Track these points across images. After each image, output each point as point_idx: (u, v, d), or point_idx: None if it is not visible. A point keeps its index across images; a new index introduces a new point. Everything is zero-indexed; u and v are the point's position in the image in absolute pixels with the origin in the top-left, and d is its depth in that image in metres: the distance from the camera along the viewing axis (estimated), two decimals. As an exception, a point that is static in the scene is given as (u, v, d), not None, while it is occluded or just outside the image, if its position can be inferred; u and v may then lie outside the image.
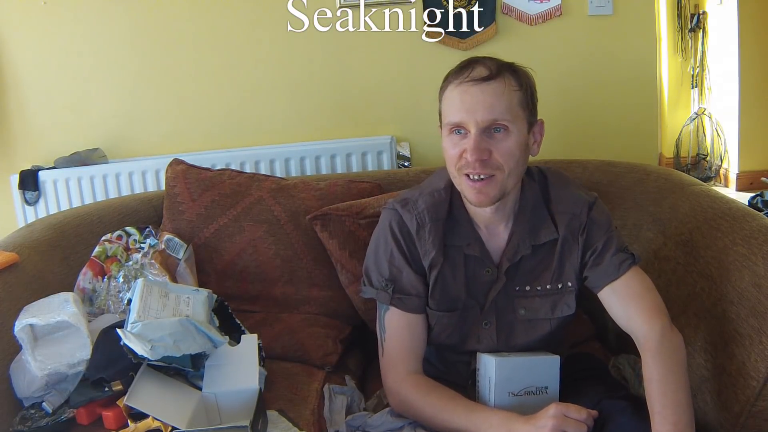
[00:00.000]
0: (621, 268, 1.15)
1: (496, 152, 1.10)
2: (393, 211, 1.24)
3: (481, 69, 1.11)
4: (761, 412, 1.06)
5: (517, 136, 1.11)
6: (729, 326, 1.14)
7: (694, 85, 4.60)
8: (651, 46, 2.26)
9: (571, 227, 1.19)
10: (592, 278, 1.18)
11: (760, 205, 3.69)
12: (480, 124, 1.09)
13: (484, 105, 1.08)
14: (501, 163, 1.10)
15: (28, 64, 2.24)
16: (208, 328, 1.17)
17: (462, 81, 1.11)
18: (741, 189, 4.24)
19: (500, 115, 1.09)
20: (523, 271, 1.21)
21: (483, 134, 1.09)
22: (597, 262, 1.17)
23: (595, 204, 1.21)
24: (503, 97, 1.09)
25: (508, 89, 1.10)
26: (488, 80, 1.09)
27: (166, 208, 1.72)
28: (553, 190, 1.23)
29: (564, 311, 1.22)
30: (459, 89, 1.11)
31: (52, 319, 1.21)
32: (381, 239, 1.24)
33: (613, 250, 1.17)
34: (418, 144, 2.27)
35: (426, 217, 1.20)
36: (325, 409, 1.32)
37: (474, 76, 1.10)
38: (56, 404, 1.19)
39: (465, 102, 1.10)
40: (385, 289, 1.20)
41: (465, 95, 1.10)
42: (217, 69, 2.24)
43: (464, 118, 1.10)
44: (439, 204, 1.21)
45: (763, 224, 1.21)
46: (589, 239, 1.19)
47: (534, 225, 1.20)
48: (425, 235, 1.20)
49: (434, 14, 2.19)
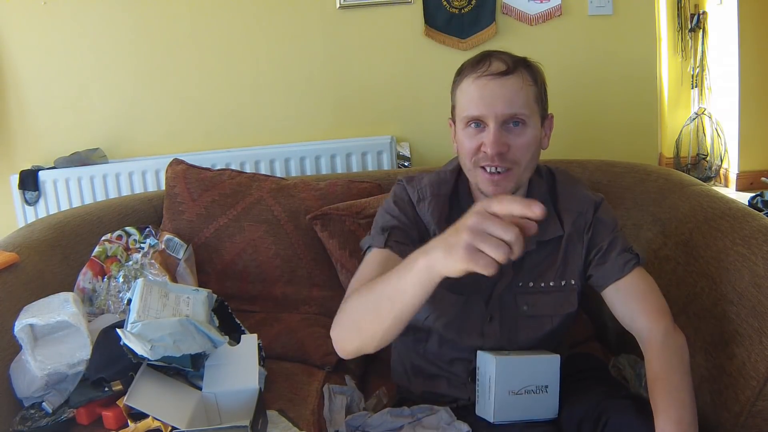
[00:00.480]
0: (626, 267, 1.16)
1: (514, 146, 1.10)
2: (400, 184, 1.26)
3: (499, 63, 1.11)
4: (761, 412, 1.06)
5: (533, 130, 1.12)
6: (729, 326, 1.14)
7: (694, 85, 4.61)
8: (651, 46, 2.26)
9: (577, 225, 1.20)
10: (597, 277, 1.19)
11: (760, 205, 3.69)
12: (499, 117, 1.09)
13: (503, 99, 1.09)
14: (518, 158, 1.11)
15: (28, 64, 2.25)
16: (208, 328, 1.17)
17: (481, 74, 1.11)
18: (741, 189, 4.24)
19: (519, 109, 1.10)
20: (528, 267, 1.21)
21: (502, 128, 1.10)
22: (602, 261, 1.18)
23: (601, 204, 1.22)
24: (521, 91, 1.10)
25: (525, 84, 1.11)
26: (507, 74, 1.10)
27: (166, 208, 1.72)
28: (561, 187, 1.24)
29: (566, 308, 1.22)
30: (478, 83, 1.11)
31: (52, 319, 1.21)
32: (387, 203, 1.25)
33: (618, 249, 1.17)
34: (418, 144, 2.27)
35: (427, 191, 1.21)
36: (325, 409, 1.32)
37: (492, 70, 1.10)
38: (56, 404, 1.19)
39: (485, 96, 1.10)
40: (381, 234, 1.17)
41: (484, 90, 1.10)
42: (217, 69, 2.25)
43: (483, 111, 1.10)
44: (442, 182, 1.23)
45: (763, 224, 1.21)
46: (594, 238, 1.20)
47: (540, 221, 1.19)
48: (425, 208, 1.20)
49: (434, 14, 2.19)
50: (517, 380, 1.15)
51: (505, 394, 1.14)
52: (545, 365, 1.17)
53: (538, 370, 1.17)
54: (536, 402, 1.15)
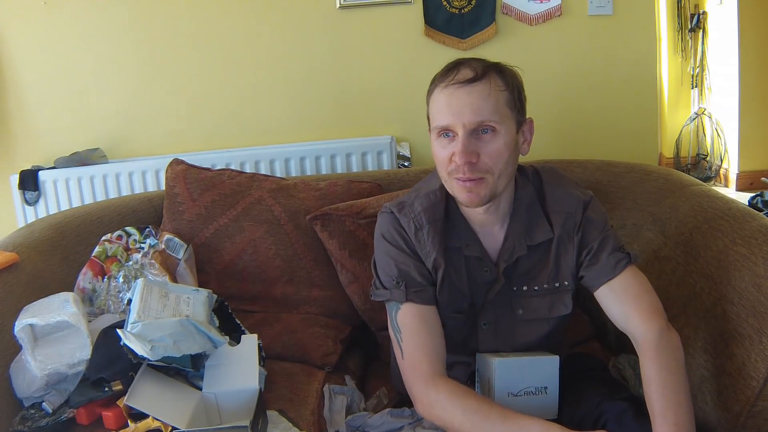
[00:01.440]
0: (617, 267, 1.14)
1: (484, 154, 1.09)
2: (390, 215, 1.22)
3: (467, 71, 1.10)
4: (761, 412, 1.06)
5: (505, 136, 1.10)
6: (729, 326, 1.14)
7: (694, 85, 4.60)
8: (651, 46, 2.26)
9: (566, 227, 1.19)
10: (588, 277, 1.18)
11: (760, 205, 3.69)
12: (467, 126, 1.08)
13: (470, 107, 1.08)
14: (490, 166, 1.10)
15: (28, 64, 2.25)
16: (208, 328, 1.17)
17: (448, 84, 1.10)
18: (741, 189, 4.24)
19: (487, 116, 1.08)
20: (521, 271, 1.21)
21: (471, 136, 1.09)
22: (593, 262, 1.17)
23: (590, 203, 1.20)
24: (489, 98, 1.08)
25: (494, 90, 1.09)
26: (474, 82, 1.09)
27: (166, 208, 1.72)
28: (548, 188, 1.22)
29: (561, 311, 1.21)
30: (445, 92, 1.10)
31: (52, 319, 1.21)
32: (382, 244, 1.22)
33: (609, 249, 1.16)
34: (418, 144, 2.27)
35: (423, 219, 1.19)
36: (325, 409, 1.32)
37: (459, 78, 1.09)
38: (56, 404, 1.19)
39: (452, 105, 1.09)
40: (398, 287, 1.17)
41: (451, 98, 1.09)
42: (217, 69, 2.25)
43: (451, 121, 1.09)
44: (435, 205, 1.20)
45: (763, 224, 1.21)
46: (584, 238, 1.18)
47: (529, 225, 1.20)
48: (424, 237, 1.19)
49: (434, 14, 2.19)
50: (516, 382, 1.15)
51: (504, 396, 1.14)
52: (544, 366, 1.17)
53: (537, 372, 1.16)
54: (536, 403, 1.15)
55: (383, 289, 1.20)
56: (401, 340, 1.16)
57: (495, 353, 1.19)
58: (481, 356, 1.20)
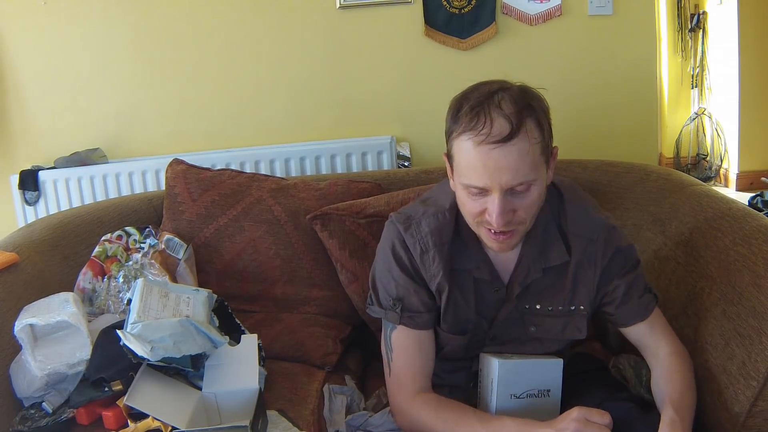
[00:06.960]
0: (648, 309, 1.18)
1: (521, 209, 1.04)
2: (396, 230, 1.19)
3: (502, 124, 0.99)
4: (761, 412, 1.06)
5: (540, 185, 1.05)
6: (729, 326, 1.14)
7: (694, 85, 4.60)
8: (651, 46, 2.26)
9: (588, 253, 1.15)
10: (619, 317, 1.19)
11: (760, 205, 3.69)
12: (504, 187, 1.01)
13: (508, 169, 1.00)
14: (524, 218, 1.06)
15: (28, 64, 2.25)
16: (208, 329, 1.17)
17: (482, 142, 0.99)
18: (741, 189, 4.24)
19: (526, 177, 1.01)
20: (534, 291, 1.18)
21: (506, 195, 1.02)
22: (624, 302, 1.17)
23: (615, 230, 1.17)
24: (528, 156, 1.00)
25: (532, 144, 1.01)
26: (511, 138, 0.99)
27: (166, 208, 1.72)
28: (569, 207, 1.17)
29: (575, 335, 1.20)
30: (479, 150, 1.00)
31: (52, 319, 1.21)
32: (386, 258, 1.20)
33: (640, 291, 1.18)
34: (418, 144, 2.27)
35: (429, 242, 1.15)
36: (325, 409, 1.32)
37: (495, 135, 0.99)
38: (56, 404, 1.19)
39: (488, 167, 1.00)
40: (393, 309, 1.17)
41: (488, 159, 0.99)
42: (217, 69, 2.25)
43: (488, 183, 1.01)
44: (443, 227, 1.16)
45: (763, 224, 1.21)
46: (611, 267, 1.17)
47: (544, 247, 1.16)
48: (429, 261, 1.16)
49: (434, 14, 2.19)
50: (519, 383, 1.15)
51: (506, 397, 1.14)
52: (548, 369, 1.17)
53: (540, 374, 1.16)
54: (538, 406, 1.15)
55: (379, 307, 1.20)
56: (391, 359, 1.19)
57: (498, 353, 1.19)
58: (484, 356, 1.19)
